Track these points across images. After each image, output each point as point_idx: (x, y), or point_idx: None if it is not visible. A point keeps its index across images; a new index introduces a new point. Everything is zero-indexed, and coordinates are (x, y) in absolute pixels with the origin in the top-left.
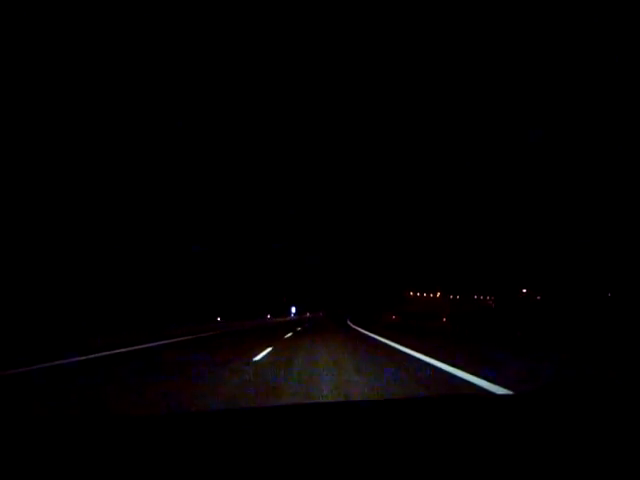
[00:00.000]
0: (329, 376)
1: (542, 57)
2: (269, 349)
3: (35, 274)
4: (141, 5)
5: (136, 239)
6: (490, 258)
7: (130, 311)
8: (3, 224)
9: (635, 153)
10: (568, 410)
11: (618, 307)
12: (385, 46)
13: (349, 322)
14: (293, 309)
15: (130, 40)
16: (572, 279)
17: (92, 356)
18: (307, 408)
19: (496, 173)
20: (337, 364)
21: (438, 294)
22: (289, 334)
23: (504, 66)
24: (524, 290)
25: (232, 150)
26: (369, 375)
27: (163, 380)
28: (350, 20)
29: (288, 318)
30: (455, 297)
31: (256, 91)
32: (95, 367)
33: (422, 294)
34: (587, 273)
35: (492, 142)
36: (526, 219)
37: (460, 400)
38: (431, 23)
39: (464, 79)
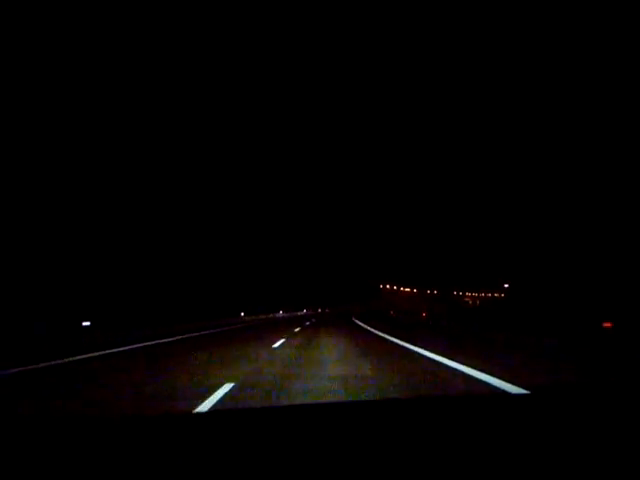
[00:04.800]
0: None
1: (543, 55)
2: None
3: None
4: (141, 4)
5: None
6: (478, 252)
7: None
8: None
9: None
10: (587, 409)
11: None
12: (385, 45)
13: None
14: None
15: (130, 38)
16: (563, 271)
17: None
18: (312, 409)
19: (478, 167)
20: None
21: (409, 289)
22: None
23: (502, 65)
24: (506, 285)
25: (228, 151)
26: None
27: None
28: (350, 25)
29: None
30: (432, 292)
31: (253, 90)
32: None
33: (399, 288)
34: (578, 266)
35: (474, 136)
36: (509, 214)
37: (477, 400)
38: (435, 19)
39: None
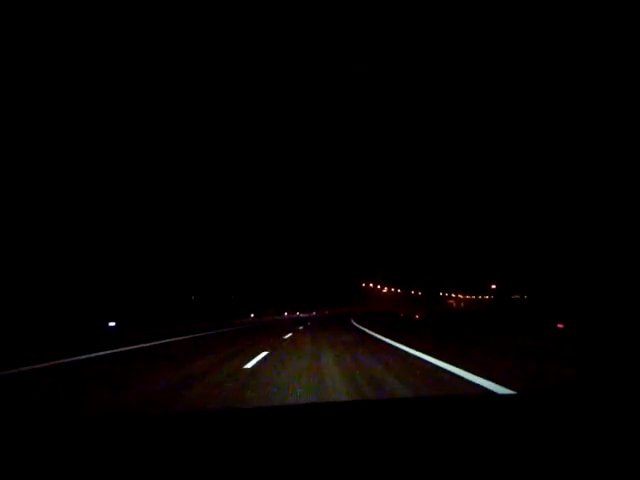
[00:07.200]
0: None
1: (542, 58)
2: None
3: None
4: (142, 4)
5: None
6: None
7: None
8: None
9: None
10: (572, 409)
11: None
12: (384, 48)
13: None
14: None
15: (130, 38)
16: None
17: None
18: (310, 408)
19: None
20: None
21: (393, 289)
22: None
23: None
24: (493, 286)
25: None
26: None
27: None
28: (350, 22)
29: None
30: (417, 293)
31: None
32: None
33: (383, 288)
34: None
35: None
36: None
37: (464, 400)
38: (433, 17)
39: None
